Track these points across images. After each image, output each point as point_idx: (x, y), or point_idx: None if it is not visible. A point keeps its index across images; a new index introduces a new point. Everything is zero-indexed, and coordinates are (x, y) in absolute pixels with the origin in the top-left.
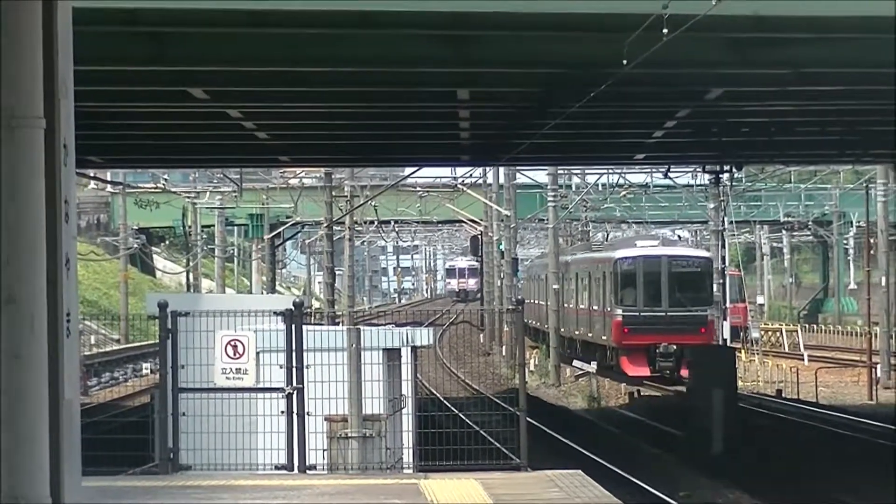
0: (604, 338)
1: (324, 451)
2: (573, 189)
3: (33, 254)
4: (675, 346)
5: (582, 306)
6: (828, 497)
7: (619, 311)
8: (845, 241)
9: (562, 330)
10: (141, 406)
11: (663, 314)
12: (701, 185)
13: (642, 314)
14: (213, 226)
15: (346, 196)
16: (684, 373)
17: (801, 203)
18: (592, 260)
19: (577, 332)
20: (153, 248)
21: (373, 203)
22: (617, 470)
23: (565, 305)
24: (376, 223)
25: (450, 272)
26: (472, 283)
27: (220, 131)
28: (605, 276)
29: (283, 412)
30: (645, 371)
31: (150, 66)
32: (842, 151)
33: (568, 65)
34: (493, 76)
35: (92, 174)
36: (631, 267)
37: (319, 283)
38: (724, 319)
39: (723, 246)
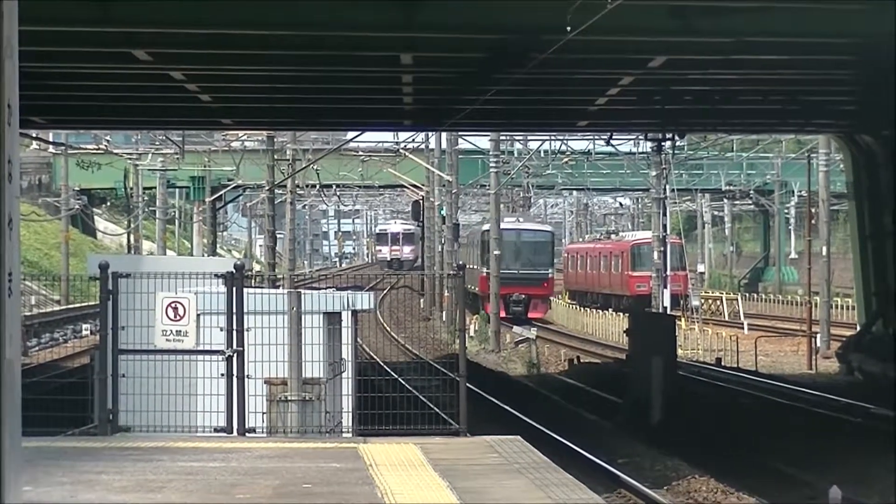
0: (476, 289)
1: (263, 414)
2: (515, 155)
3: None
4: (523, 296)
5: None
6: (764, 464)
7: (485, 270)
8: (787, 211)
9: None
10: (80, 367)
11: (516, 272)
12: (643, 152)
13: (500, 271)
14: (155, 188)
15: (288, 159)
16: (530, 315)
17: (743, 172)
18: (473, 231)
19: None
20: (94, 210)
21: (315, 167)
22: (556, 436)
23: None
24: (318, 187)
25: (380, 237)
26: (407, 250)
27: (163, 93)
28: (477, 243)
29: (222, 375)
30: (501, 313)
31: (94, 27)
32: (784, 120)
33: (512, 31)
34: (436, 41)
35: (34, 135)
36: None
37: (260, 246)
38: (665, 287)
39: (664, 214)
